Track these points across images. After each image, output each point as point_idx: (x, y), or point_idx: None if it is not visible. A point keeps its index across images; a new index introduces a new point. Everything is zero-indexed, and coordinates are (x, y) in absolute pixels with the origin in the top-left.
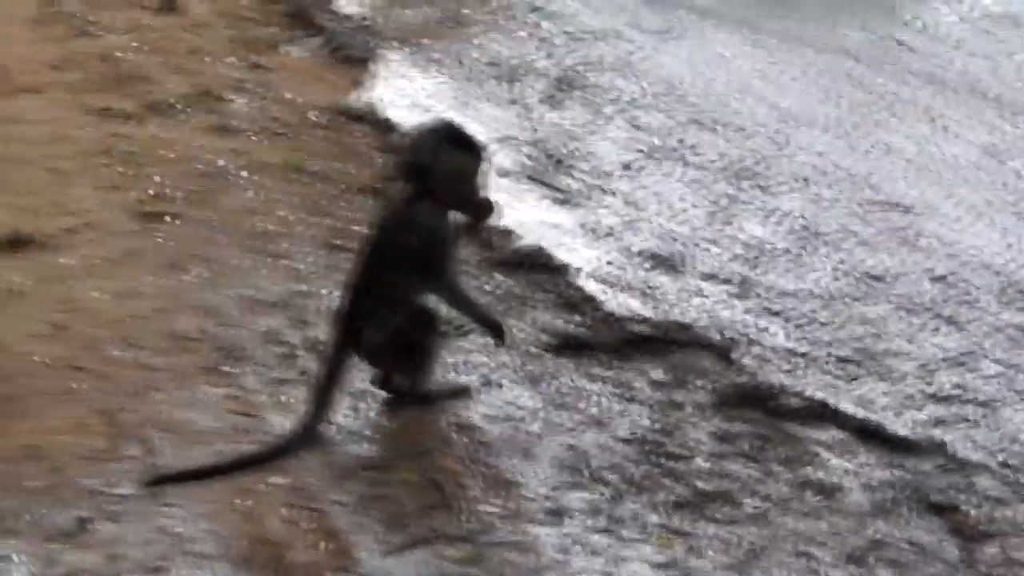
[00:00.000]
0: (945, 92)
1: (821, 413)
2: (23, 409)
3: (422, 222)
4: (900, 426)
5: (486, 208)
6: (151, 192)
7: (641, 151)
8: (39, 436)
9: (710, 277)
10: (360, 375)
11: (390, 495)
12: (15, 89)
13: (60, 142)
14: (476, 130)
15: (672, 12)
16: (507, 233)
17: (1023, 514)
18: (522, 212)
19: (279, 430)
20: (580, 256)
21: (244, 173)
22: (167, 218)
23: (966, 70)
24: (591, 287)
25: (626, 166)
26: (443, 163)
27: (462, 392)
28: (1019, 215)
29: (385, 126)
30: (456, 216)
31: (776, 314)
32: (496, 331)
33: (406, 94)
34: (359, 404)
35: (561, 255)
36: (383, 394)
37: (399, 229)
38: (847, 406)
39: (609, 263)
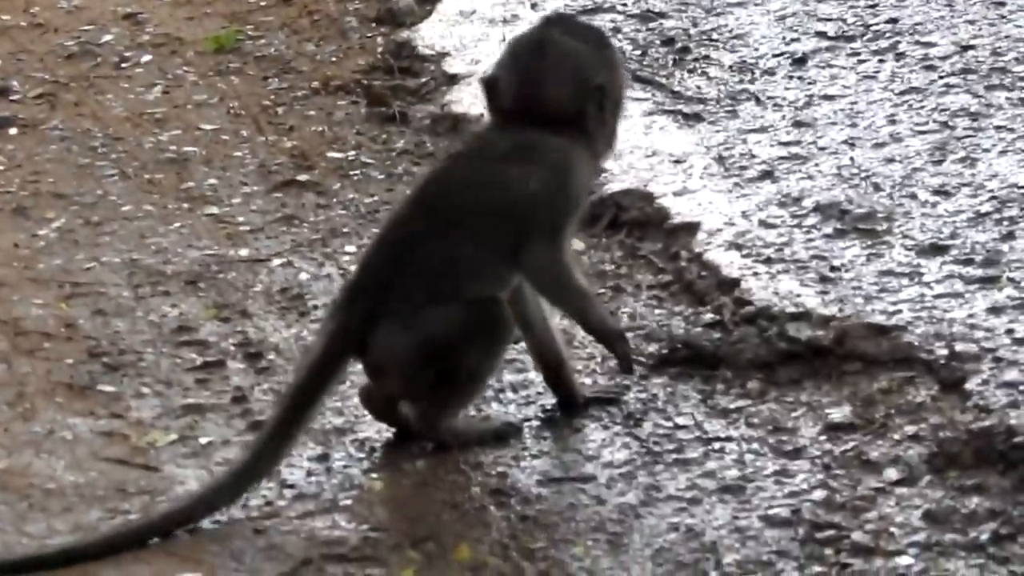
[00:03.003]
0: None
1: None
2: None
3: (558, 165)
4: None
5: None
6: None
7: (824, 34)
8: None
9: (934, 251)
10: (338, 405)
11: None
12: None
13: None
14: None
15: None
16: None
17: None
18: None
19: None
20: (714, 210)
21: (146, 56)
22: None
23: None
24: (730, 263)
25: (798, 59)
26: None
27: (507, 434)
28: None
29: None
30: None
31: None
32: (618, 345)
33: None
34: (330, 451)
35: (682, 208)
36: (385, 431)
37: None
38: None
39: (762, 223)
